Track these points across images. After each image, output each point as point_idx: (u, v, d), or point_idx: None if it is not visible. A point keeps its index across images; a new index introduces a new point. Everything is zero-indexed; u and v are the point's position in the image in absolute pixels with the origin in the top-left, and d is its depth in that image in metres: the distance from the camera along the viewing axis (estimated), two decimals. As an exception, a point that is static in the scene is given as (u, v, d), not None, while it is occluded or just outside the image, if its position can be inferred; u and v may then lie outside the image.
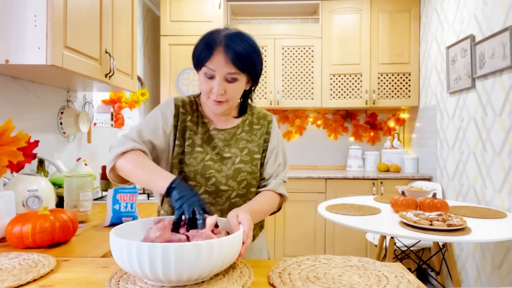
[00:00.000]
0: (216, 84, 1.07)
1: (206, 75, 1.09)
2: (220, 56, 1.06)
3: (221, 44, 1.06)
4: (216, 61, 1.06)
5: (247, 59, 1.08)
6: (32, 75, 1.68)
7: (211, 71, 1.07)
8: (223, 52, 1.05)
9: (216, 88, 1.07)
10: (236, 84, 1.10)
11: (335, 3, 3.54)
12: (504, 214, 2.02)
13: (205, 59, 1.07)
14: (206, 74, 1.09)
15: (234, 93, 1.11)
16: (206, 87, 1.10)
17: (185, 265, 0.74)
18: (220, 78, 1.07)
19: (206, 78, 1.09)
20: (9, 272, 0.89)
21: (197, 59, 1.10)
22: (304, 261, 0.96)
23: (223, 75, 1.07)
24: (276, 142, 1.23)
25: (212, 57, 1.06)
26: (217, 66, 1.06)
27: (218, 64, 1.06)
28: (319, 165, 3.93)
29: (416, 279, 0.86)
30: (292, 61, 3.57)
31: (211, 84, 1.09)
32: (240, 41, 1.07)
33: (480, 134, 2.50)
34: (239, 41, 1.07)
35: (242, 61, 1.07)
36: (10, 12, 1.34)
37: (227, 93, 1.09)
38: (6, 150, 1.31)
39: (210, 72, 1.07)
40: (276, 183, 1.19)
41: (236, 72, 1.07)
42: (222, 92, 1.08)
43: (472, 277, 2.56)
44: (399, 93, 3.53)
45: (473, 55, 2.53)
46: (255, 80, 1.17)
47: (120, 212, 1.50)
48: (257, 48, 1.11)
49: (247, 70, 1.09)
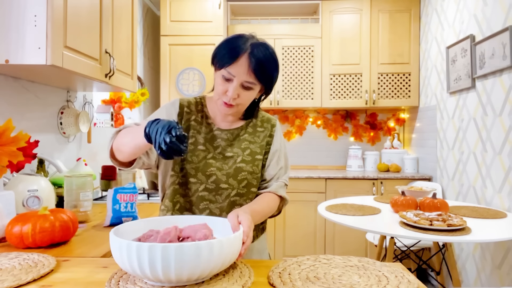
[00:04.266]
0: (232, 88, 1.09)
1: (224, 77, 1.10)
2: (242, 63, 1.07)
3: (246, 52, 1.07)
4: (238, 68, 1.07)
5: (267, 71, 1.10)
6: (32, 75, 1.68)
7: (230, 75, 1.08)
8: (246, 60, 1.07)
9: (231, 92, 1.09)
10: (250, 92, 1.12)
11: (335, 3, 3.54)
12: (504, 214, 2.02)
13: (227, 63, 1.08)
14: (224, 76, 1.09)
15: (246, 99, 1.14)
16: (221, 89, 1.11)
17: (185, 265, 0.74)
18: (237, 83, 1.08)
19: (223, 80, 1.10)
20: (9, 272, 0.89)
21: (219, 62, 1.10)
22: (304, 261, 0.96)
23: (241, 82, 1.09)
24: (278, 145, 1.25)
25: (235, 63, 1.07)
26: (238, 72, 1.07)
27: (239, 71, 1.07)
28: (319, 165, 3.93)
29: (416, 279, 0.86)
30: (292, 61, 3.57)
31: (227, 86, 1.10)
32: (265, 52, 1.09)
33: (480, 134, 2.50)
34: (264, 52, 1.09)
35: (262, 72, 1.09)
36: (10, 12, 1.34)
37: (240, 98, 1.11)
38: (6, 150, 1.31)
39: (229, 76, 1.08)
40: (278, 186, 1.20)
41: (254, 82, 1.10)
42: (235, 97, 1.10)
43: (472, 277, 2.56)
44: (399, 93, 3.53)
45: (473, 55, 2.53)
46: (268, 91, 1.19)
47: (120, 212, 1.50)
48: (277, 62, 1.14)
49: (264, 81, 1.12)
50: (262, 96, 1.22)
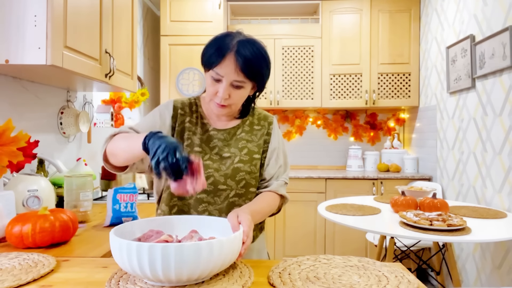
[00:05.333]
0: (222, 89, 1.07)
1: (213, 78, 1.09)
2: (230, 62, 1.05)
3: (232, 51, 1.05)
4: (225, 68, 1.05)
5: (256, 69, 1.08)
6: (32, 75, 1.68)
7: (219, 76, 1.07)
8: (233, 59, 1.05)
9: (221, 92, 1.07)
10: (241, 90, 1.10)
11: (335, 3, 3.54)
12: (504, 214, 2.02)
13: (214, 63, 1.06)
14: (213, 77, 1.08)
15: (238, 98, 1.12)
16: (212, 90, 1.10)
17: (185, 265, 0.74)
18: (226, 83, 1.07)
19: (213, 81, 1.09)
20: (9, 272, 0.89)
21: (206, 62, 1.09)
22: (304, 261, 0.96)
23: (230, 81, 1.07)
24: (276, 143, 1.23)
25: (222, 63, 1.05)
26: (226, 72, 1.06)
27: (226, 70, 1.06)
28: (319, 165, 3.93)
29: (416, 279, 0.86)
30: (292, 61, 3.57)
31: (217, 87, 1.09)
32: (252, 49, 1.06)
33: (480, 134, 2.50)
34: (251, 49, 1.06)
35: (251, 70, 1.07)
36: (10, 12, 1.34)
37: (231, 97, 1.10)
38: (6, 150, 1.31)
39: (218, 76, 1.07)
40: (278, 185, 1.19)
41: (243, 81, 1.08)
42: (227, 97, 1.09)
43: (472, 277, 2.56)
44: (399, 93, 3.53)
45: (473, 55, 2.53)
46: (261, 88, 1.17)
47: (120, 212, 1.50)
48: (267, 57, 1.11)
49: (254, 78, 1.10)
50: (256, 93, 1.20)
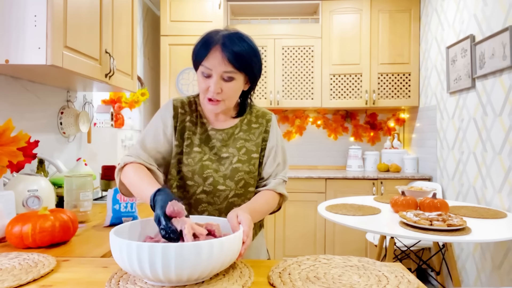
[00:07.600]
0: (213, 83, 1.07)
1: (203, 74, 1.09)
2: (216, 54, 1.06)
3: (218, 43, 1.06)
4: (213, 60, 1.06)
5: (244, 58, 1.07)
6: (32, 75, 1.68)
7: (208, 70, 1.07)
8: (219, 51, 1.06)
9: (212, 86, 1.07)
10: (232, 83, 1.09)
11: (335, 3, 3.54)
12: (504, 214, 2.02)
13: (202, 57, 1.07)
14: (203, 73, 1.09)
15: (231, 92, 1.10)
16: (203, 86, 1.10)
17: (185, 265, 0.74)
18: (216, 76, 1.07)
19: (204, 77, 1.09)
20: (9, 272, 0.89)
21: (195, 58, 1.11)
22: (304, 261, 0.96)
23: (220, 74, 1.07)
24: (275, 141, 1.22)
25: (209, 56, 1.06)
26: (214, 64, 1.06)
27: (214, 62, 1.06)
28: (319, 165, 3.93)
29: (416, 279, 0.86)
30: (292, 61, 3.57)
31: (208, 83, 1.08)
32: (238, 40, 1.07)
33: (480, 134, 2.50)
34: (236, 40, 1.07)
35: (238, 60, 1.06)
36: (10, 12, 1.34)
37: (223, 92, 1.09)
38: (6, 150, 1.31)
39: (207, 71, 1.07)
40: (276, 183, 1.18)
41: (233, 71, 1.07)
42: (219, 91, 1.08)
43: (472, 277, 2.56)
44: (399, 93, 3.53)
45: (473, 55, 2.53)
46: (254, 80, 1.16)
47: (120, 212, 1.50)
48: (254, 47, 1.11)
49: (244, 69, 1.09)
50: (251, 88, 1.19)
